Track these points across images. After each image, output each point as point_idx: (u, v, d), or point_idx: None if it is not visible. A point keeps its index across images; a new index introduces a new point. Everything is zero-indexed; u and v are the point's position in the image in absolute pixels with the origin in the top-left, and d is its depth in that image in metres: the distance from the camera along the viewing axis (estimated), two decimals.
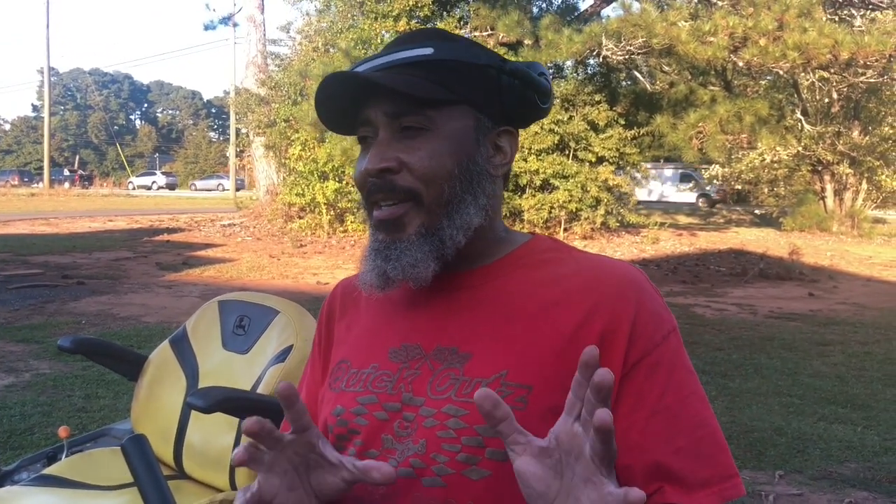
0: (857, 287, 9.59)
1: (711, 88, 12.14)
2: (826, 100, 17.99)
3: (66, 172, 50.86)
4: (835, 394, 4.44)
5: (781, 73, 11.26)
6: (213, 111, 75.94)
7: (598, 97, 12.32)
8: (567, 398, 0.65)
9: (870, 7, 11.64)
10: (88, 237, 13.40)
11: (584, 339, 0.76)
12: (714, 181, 22.23)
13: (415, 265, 0.80)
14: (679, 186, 27.85)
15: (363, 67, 0.83)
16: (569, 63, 12.67)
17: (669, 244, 13.46)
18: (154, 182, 47.93)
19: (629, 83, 13.89)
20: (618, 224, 12.87)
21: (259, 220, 14.81)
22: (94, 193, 35.53)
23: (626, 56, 10.07)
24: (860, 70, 10.59)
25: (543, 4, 13.61)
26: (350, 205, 12.72)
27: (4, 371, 4.44)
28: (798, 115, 16.65)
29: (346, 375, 0.87)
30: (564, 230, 12.38)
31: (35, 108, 68.66)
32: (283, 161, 14.70)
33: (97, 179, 49.83)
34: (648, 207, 24.03)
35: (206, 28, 42.65)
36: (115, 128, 68.75)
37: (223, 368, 1.79)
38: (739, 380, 4.73)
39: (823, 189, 18.01)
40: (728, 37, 8.68)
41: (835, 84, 15.84)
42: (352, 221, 12.92)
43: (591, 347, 0.62)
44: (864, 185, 18.07)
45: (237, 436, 1.64)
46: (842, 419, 3.95)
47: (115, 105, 74.17)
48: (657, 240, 13.40)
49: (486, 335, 0.80)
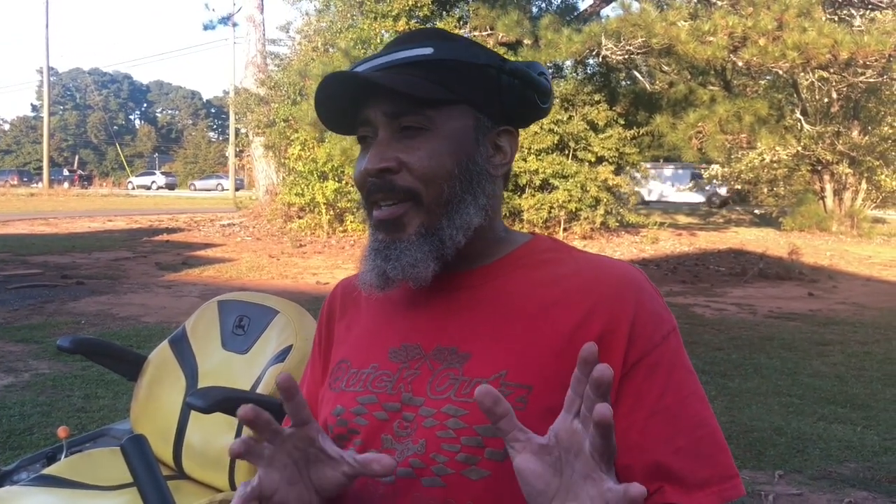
0: (857, 287, 9.59)
1: (711, 88, 12.13)
2: (825, 99, 17.98)
3: (66, 172, 50.81)
4: (834, 393, 4.45)
5: (781, 73, 11.26)
6: (213, 111, 75.93)
7: (598, 97, 12.32)
8: (566, 395, 0.65)
9: (869, 7, 11.64)
10: (88, 237, 13.39)
11: (584, 339, 0.76)
12: (723, 181, 22.15)
13: (414, 265, 0.80)
14: (689, 186, 27.59)
15: (363, 67, 0.83)
16: (568, 63, 12.67)
17: (669, 244, 13.46)
18: (153, 182, 47.93)
19: (629, 83, 13.88)
20: (617, 224, 12.87)
21: (258, 220, 14.81)
22: (94, 193, 35.50)
23: (626, 56, 10.07)
24: (860, 70, 10.58)
25: (543, 4, 13.60)
26: (349, 205, 12.72)
27: (4, 371, 4.44)
28: (797, 115, 16.63)
29: (346, 375, 0.87)
30: (564, 230, 12.38)
31: (34, 108, 68.69)
32: (283, 161, 14.70)
33: (96, 179, 49.78)
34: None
35: (206, 28, 42.69)
36: (115, 128, 68.72)
37: (222, 368, 1.79)
38: (739, 379, 4.73)
39: (823, 189, 18.01)
40: (727, 36, 8.68)
41: (834, 84, 15.84)
42: (351, 221, 12.92)
43: (590, 344, 0.62)
44: (864, 185, 18.07)
45: (237, 436, 1.64)
46: (841, 419, 3.95)
47: (115, 105, 74.16)
48: (657, 240, 13.41)
49: (486, 335, 0.80)
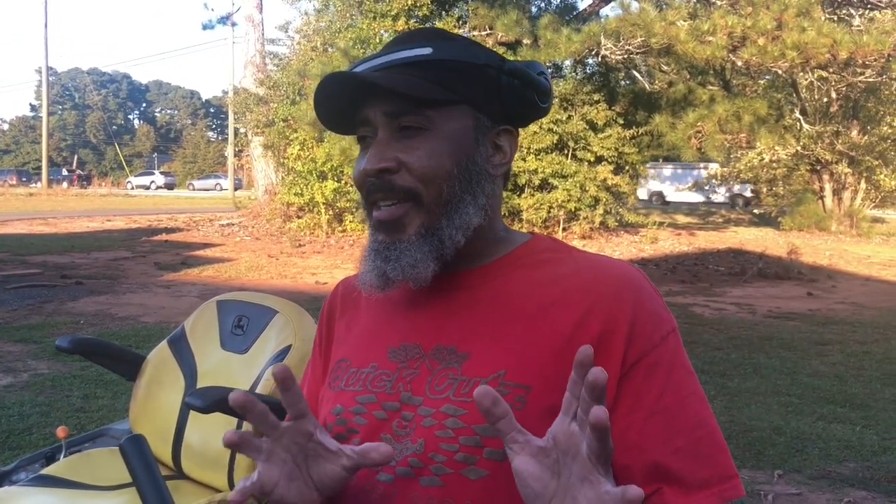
0: (856, 286, 9.60)
1: (710, 88, 12.14)
2: (825, 99, 17.98)
3: (65, 172, 50.76)
4: (833, 393, 4.45)
5: (780, 73, 11.26)
6: (212, 111, 75.89)
7: (597, 97, 12.33)
8: (564, 398, 0.65)
9: (868, 6, 11.64)
10: (87, 237, 13.39)
11: (583, 339, 0.76)
12: (740, 182, 22.05)
13: (414, 265, 0.80)
14: (707, 187, 27.12)
15: (362, 67, 0.83)
16: (567, 62, 12.67)
17: (668, 244, 13.46)
18: (152, 182, 47.89)
19: (628, 83, 13.89)
20: (616, 223, 12.88)
21: (258, 220, 14.81)
22: (93, 193, 35.46)
23: (625, 55, 10.07)
24: (859, 69, 10.58)
25: (542, 4, 13.61)
26: (349, 204, 12.72)
27: (3, 371, 4.44)
28: (797, 115, 16.65)
29: (346, 375, 0.87)
30: (563, 230, 12.38)
31: (33, 108, 68.61)
32: (282, 161, 14.70)
33: (95, 179, 49.77)
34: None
35: (205, 28, 42.73)
36: (114, 127, 68.65)
37: (222, 368, 1.79)
38: (738, 379, 4.73)
39: (822, 188, 18.01)
40: (727, 36, 8.69)
41: (833, 83, 15.85)
42: (350, 221, 12.92)
43: (586, 347, 0.62)
44: (863, 185, 18.08)
45: (238, 429, 1.64)
46: (840, 418, 3.95)
47: (114, 105, 74.09)
48: (656, 239, 13.42)
49: (485, 335, 0.80)
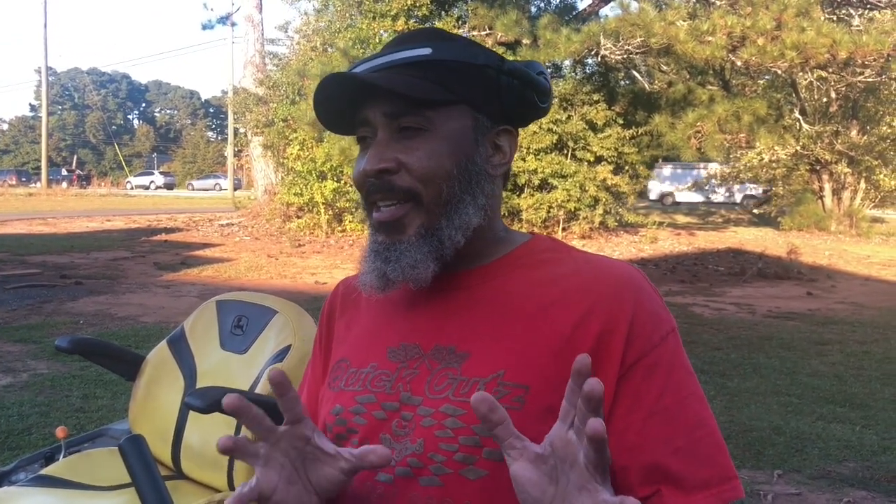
0: (856, 286, 9.60)
1: (710, 88, 12.14)
2: (824, 99, 17.98)
3: (64, 172, 50.72)
4: (833, 393, 4.45)
5: (780, 73, 11.26)
6: (212, 111, 75.87)
7: (597, 97, 12.33)
8: (561, 406, 0.65)
9: (868, 6, 11.64)
10: (86, 237, 13.38)
11: (582, 340, 0.76)
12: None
13: (414, 266, 0.80)
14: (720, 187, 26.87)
15: (361, 68, 0.83)
16: (567, 62, 12.67)
17: (668, 244, 13.47)
18: (152, 182, 47.87)
19: (627, 83, 13.89)
20: (616, 223, 12.88)
21: (257, 220, 14.81)
22: (92, 193, 35.43)
23: (625, 55, 10.07)
24: (858, 69, 10.57)
25: (542, 4, 13.62)
26: (348, 204, 12.72)
27: (2, 371, 4.44)
28: (796, 115, 16.64)
29: (346, 374, 0.87)
30: (563, 230, 12.39)
31: (33, 108, 68.58)
32: (282, 161, 14.70)
33: (95, 179, 49.71)
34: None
35: (204, 28, 42.72)
36: (113, 127, 68.64)
37: (221, 368, 1.79)
38: (738, 379, 4.74)
39: (822, 188, 18.01)
40: (726, 36, 8.68)
41: (833, 83, 15.84)
42: (350, 221, 12.92)
43: (584, 356, 0.62)
44: (863, 185, 18.08)
45: (237, 432, 1.64)
46: (840, 418, 3.95)
47: (113, 105, 74.06)
48: (655, 239, 13.42)
49: (485, 335, 0.80)
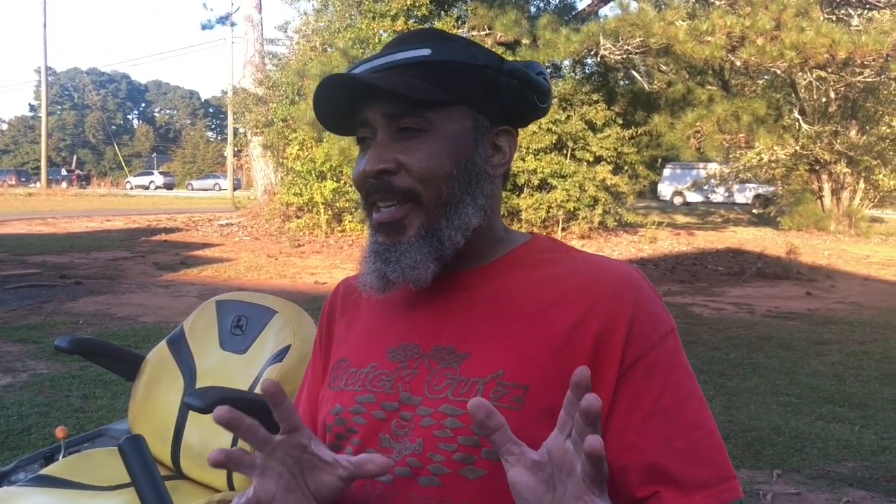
0: (855, 286, 9.60)
1: (709, 88, 12.15)
2: (823, 99, 17.97)
3: (64, 172, 50.68)
4: (832, 393, 4.45)
5: (779, 73, 11.27)
6: (211, 111, 75.82)
7: (596, 97, 12.33)
8: (559, 415, 0.65)
9: (867, 6, 11.64)
10: (86, 237, 13.38)
11: (581, 339, 0.76)
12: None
13: (415, 267, 0.80)
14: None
15: (361, 69, 0.83)
16: (566, 62, 12.66)
17: (667, 243, 13.46)
18: (151, 182, 47.84)
19: (627, 83, 13.89)
20: (615, 223, 12.88)
21: (257, 220, 14.81)
22: (92, 193, 35.40)
23: (624, 55, 10.08)
24: (857, 69, 10.58)
25: (541, 4, 13.63)
26: (348, 204, 12.72)
27: (2, 371, 4.43)
28: (795, 115, 16.65)
29: (346, 374, 0.87)
30: (562, 230, 12.38)
31: (32, 108, 68.53)
32: (281, 161, 14.69)
33: (94, 179, 49.64)
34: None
35: (204, 28, 42.70)
36: (113, 127, 68.57)
37: (221, 368, 1.79)
38: (737, 379, 4.74)
39: (821, 188, 18.01)
40: (725, 36, 8.69)
41: (832, 83, 15.85)
42: (350, 221, 12.92)
43: (583, 368, 0.61)
44: (862, 185, 18.08)
45: (235, 436, 1.64)
46: (839, 418, 3.95)
47: (113, 105, 74.02)
48: (655, 239, 13.41)
49: (484, 335, 0.80)
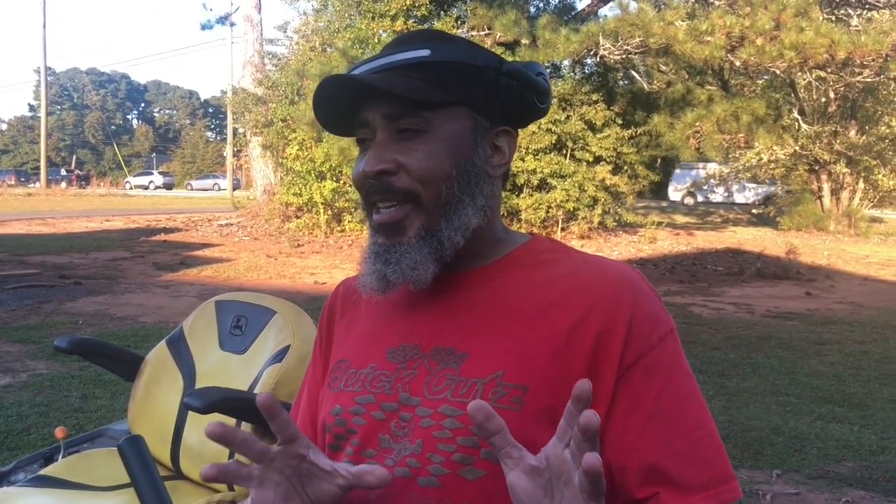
0: (854, 286, 9.60)
1: (708, 88, 12.15)
2: (823, 99, 17.99)
3: (63, 172, 50.67)
4: (832, 393, 4.45)
5: (778, 73, 11.28)
6: (211, 111, 75.79)
7: (596, 97, 12.32)
8: (559, 424, 0.65)
9: (866, 7, 11.65)
10: (85, 237, 13.37)
11: (581, 340, 0.76)
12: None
13: (415, 268, 0.80)
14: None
15: (361, 69, 0.83)
16: (566, 63, 12.66)
17: (667, 244, 13.46)
18: (151, 182, 47.83)
19: (626, 83, 13.89)
20: (615, 224, 12.87)
21: (256, 220, 14.80)
22: (91, 193, 35.38)
23: (624, 55, 10.08)
24: (857, 69, 10.59)
25: (541, 4, 13.62)
26: (347, 204, 12.71)
27: (1, 371, 4.43)
28: (795, 115, 16.66)
29: (345, 375, 0.87)
30: (562, 230, 12.38)
31: (32, 108, 68.49)
32: (281, 161, 14.68)
33: (94, 179, 49.59)
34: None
35: (203, 28, 42.68)
36: (112, 127, 68.54)
37: (220, 369, 1.79)
38: (737, 379, 4.74)
39: (820, 188, 18.03)
40: (725, 36, 8.70)
41: (832, 83, 15.87)
42: (349, 221, 12.92)
43: (584, 381, 0.61)
44: (861, 185, 18.10)
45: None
46: (839, 418, 3.95)
47: (112, 105, 74.00)
48: (654, 239, 13.41)
49: (484, 335, 0.80)
